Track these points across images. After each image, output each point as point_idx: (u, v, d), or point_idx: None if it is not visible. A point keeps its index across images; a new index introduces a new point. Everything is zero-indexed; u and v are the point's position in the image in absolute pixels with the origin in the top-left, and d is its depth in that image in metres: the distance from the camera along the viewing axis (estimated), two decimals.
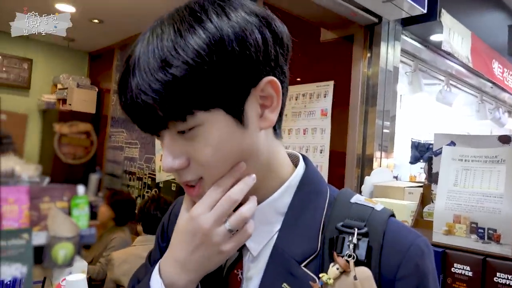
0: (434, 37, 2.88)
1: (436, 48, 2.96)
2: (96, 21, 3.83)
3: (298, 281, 0.54)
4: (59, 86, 4.54)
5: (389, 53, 2.38)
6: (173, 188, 3.43)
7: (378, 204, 0.59)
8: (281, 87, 0.55)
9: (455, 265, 1.05)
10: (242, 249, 0.59)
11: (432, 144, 1.26)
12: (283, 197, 0.59)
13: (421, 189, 1.26)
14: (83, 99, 4.48)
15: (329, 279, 0.51)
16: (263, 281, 0.56)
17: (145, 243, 2.38)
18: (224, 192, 0.53)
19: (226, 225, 0.53)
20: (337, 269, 0.52)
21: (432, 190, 1.20)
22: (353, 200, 0.59)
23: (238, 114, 0.52)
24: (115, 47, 4.43)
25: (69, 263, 1.20)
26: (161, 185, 3.62)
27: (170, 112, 0.49)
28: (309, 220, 0.58)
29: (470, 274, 1.03)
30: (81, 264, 1.29)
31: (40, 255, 1.11)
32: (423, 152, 3.45)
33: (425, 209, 1.21)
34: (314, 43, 2.59)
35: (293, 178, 0.60)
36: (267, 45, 0.52)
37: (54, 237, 1.19)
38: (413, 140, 3.44)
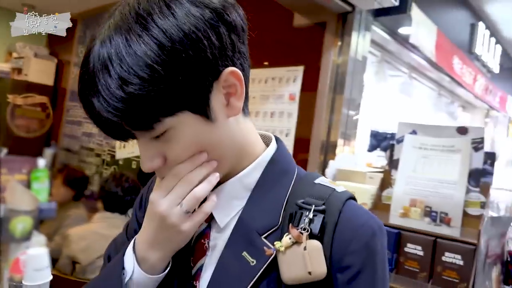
0: (402, 30, 2.96)
1: (402, 40, 3.04)
2: None
3: (257, 250, 0.57)
4: (14, 54, 4.27)
5: (360, 42, 2.42)
6: (133, 166, 3.36)
7: (341, 187, 0.62)
8: (243, 69, 0.56)
9: (408, 245, 1.12)
10: (211, 221, 0.62)
11: (390, 133, 1.31)
12: (252, 174, 0.62)
13: (382, 174, 1.32)
14: (40, 70, 4.25)
15: (281, 246, 0.56)
16: (226, 249, 0.59)
17: (104, 220, 2.33)
18: (181, 177, 0.56)
19: (181, 207, 0.56)
20: (290, 239, 0.56)
21: (392, 176, 1.26)
22: (317, 181, 0.63)
23: (204, 111, 0.53)
24: (78, 18, 4.21)
25: (27, 237, 1.16)
26: (120, 162, 3.54)
27: (136, 125, 0.51)
28: (274, 196, 0.61)
29: (421, 253, 1.10)
30: (39, 239, 1.26)
31: None
32: (380, 141, 3.57)
33: (384, 193, 1.27)
34: (287, 28, 2.59)
35: (263, 157, 0.63)
36: (221, 39, 0.52)
37: (12, 210, 1.14)
38: (372, 129, 3.55)
